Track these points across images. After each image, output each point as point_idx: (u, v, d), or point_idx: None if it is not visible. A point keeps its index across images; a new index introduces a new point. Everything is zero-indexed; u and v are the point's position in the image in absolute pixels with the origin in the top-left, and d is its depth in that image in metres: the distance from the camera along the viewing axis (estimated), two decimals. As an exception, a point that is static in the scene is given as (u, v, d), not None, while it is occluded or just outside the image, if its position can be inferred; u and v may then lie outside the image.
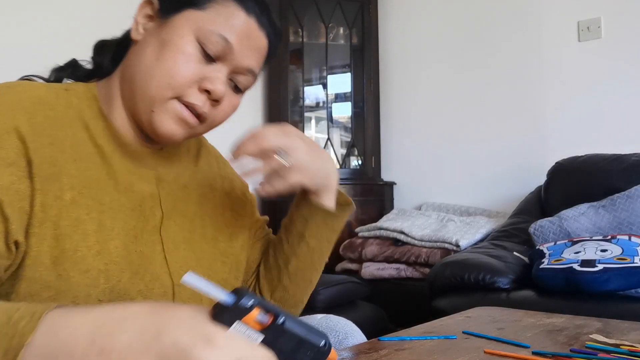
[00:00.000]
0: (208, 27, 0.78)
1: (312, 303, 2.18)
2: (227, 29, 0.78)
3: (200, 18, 0.78)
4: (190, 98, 0.78)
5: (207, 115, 0.80)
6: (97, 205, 0.75)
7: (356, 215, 3.24)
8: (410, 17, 3.49)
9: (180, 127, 0.80)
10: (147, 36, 0.80)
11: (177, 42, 0.77)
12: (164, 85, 0.77)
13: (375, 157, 3.42)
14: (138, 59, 0.80)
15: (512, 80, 3.10)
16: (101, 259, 0.73)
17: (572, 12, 2.92)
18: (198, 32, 0.78)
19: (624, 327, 0.97)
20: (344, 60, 3.49)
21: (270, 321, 0.51)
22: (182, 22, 0.78)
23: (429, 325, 1.02)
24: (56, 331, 0.53)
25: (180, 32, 0.78)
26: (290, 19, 3.33)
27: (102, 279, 0.72)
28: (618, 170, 2.44)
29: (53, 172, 0.72)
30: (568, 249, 2.06)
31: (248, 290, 0.52)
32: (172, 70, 0.77)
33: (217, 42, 0.78)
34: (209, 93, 0.79)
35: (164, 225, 0.82)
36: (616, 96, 2.80)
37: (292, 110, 3.39)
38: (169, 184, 0.86)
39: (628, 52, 2.77)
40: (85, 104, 0.80)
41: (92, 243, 0.73)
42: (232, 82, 0.82)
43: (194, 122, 0.80)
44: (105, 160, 0.78)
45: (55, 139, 0.73)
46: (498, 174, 3.11)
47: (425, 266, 2.67)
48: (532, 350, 0.83)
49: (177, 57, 0.77)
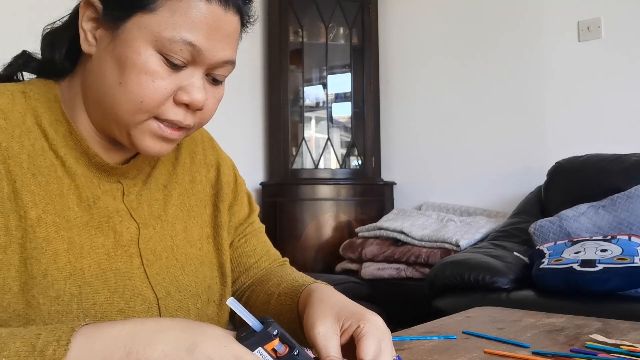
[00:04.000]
0: (166, 34, 0.66)
1: (312, 303, 2.19)
2: (188, 28, 0.67)
3: (154, 23, 0.66)
4: (167, 115, 0.70)
5: (192, 124, 0.72)
6: (64, 222, 0.70)
7: (356, 215, 3.25)
8: (410, 17, 3.49)
9: (165, 143, 0.72)
10: (101, 51, 0.70)
11: (135, 60, 0.67)
12: (135, 111, 0.68)
13: (375, 157, 3.42)
14: (99, 79, 0.70)
15: (512, 80, 3.10)
16: (73, 282, 0.68)
17: (572, 12, 2.92)
18: (156, 43, 0.67)
19: (624, 327, 0.97)
20: (344, 60, 3.49)
21: (286, 352, 0.57)
22: (134, 34, 0.67)
23: (429, 325, 1.02)
24: (90, 348, 0.53)
25: (136, 47, 0.67)
26: (290, 19, 3.33)
27: (74, 304, 0.68)
28: (618, 170, 2.44)
29: (12, 190, 0.66)
30: (568, 249, 2.06)
31: (274, 321, 0.58)
32: (138, 95, 0.67)
33: (181, 49, 0.67)
34: (188, 105, 0.70)
35: (142, 237, 0.77)
36: (616, 96, 2.79)
37: (292, 110, 3.39)
38: (140, 191, 0.79)
39: (628, 52, 2.77)
40: (45, 107, 0.73)
41: (63, 264, 0.68)
42: (210, 76, 0.73)
43: (177, 136, 0.72)
44: (67, 173, 0.72)
45: (11, 153, 0.67)
46: (498, 174, 3.11)
47: (425, 266, 2.68)
48: (532, 350, 0.83)
49: (141, 79, 0.67)
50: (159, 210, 0.81)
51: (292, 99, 3.38)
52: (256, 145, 3.44)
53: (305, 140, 3.44)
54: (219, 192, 0.89)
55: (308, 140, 3.49)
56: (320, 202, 3.21)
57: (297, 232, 3.14)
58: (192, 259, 0.82)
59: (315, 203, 3.20)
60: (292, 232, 3.14)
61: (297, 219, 3.16)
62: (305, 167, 3.39)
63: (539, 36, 3.02)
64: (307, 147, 3.44)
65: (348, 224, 3.22)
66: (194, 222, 0.84)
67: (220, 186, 0.89)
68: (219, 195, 0.88)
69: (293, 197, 3.19)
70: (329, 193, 3.25)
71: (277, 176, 3.29)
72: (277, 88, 3.34)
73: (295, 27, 3.36)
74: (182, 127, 0.72)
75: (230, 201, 0.90)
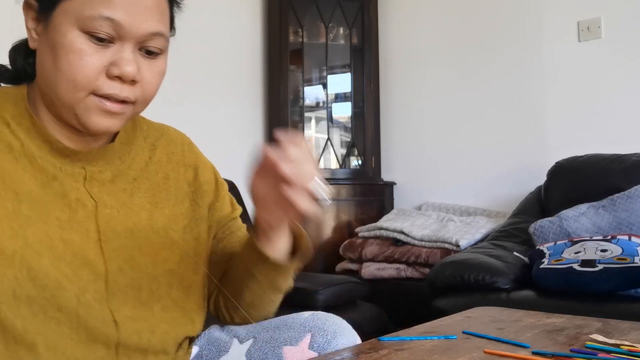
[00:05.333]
0: (86, 13, 0.73)
1: (313, 303, 2.19)
2: (107, 5, 0.73)
3: (75, 6, 0.74)
4: (103, 90, 0.75)
5: (132, 97, 0.77)
6: (13, 195, 0.75)
7: (356, 215, 3.25)
8: (410, 17, 3.49)
9: (110, 118, 0.78)
10: (40, 43, 0.78)
11: (63, 42, 0.74)
12: (71, 89, 0.75)
13: (375, 157, 3.41)
14: (42, 69, 0.78)
15: (512, 80, 3.10)
16: (14, 242, 0.73)
17: (572, 12, 2.92)
18: (79, 23, 0.73)
19: (624, 327, 0.97)
20: (344, 60, 3.49)
21: None
22: (60, 19, 0.74)
23: (429, 325, 1.02)
24: None
25: (63, 31, 0.74)
26: (290, 19, 3.32)
27: (17, 259, 0.73)
28: (618, 170, 2.44)
29: None
30: (568, 249, 2.06)
31: None
32: (71, 73, 0.74)
33: (101, 25, 0.73)
34: (121, 78, 0.76)
35: (101, 215, 0.82)
36: (616, 96, 2.79)
37: (292, 110, 3.39)
38: (105, 181, 0.84)
39: (628, 52, 2.77)
40: (12, 104, 0.80)
41: (4, 229, 0.73)
42: (143, 49, 0.78)
43: (120, 109, 0.77)
44: (25, 154, 0.78)
45: None
46: (498, 174, 3.11)
47: (425, 266, 2.67)
48: (532, 350, 0.83)
49: (70, 58, 0.74)
50: (124, 199, 0.85)
51: (292, 99, 3.38)
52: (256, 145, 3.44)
53: (305, 140, 3.44)
54: (197, 190, 0.94)
55: (308, 140, 3.49)
56: (320, 202, 3.21)
57: (297, 232, 3.14)
58: (154, 243, 0.86)
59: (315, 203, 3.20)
60: (292, 232, 3.14)
61: (297, 219, 3.15)
62: (305, 167, 3.39)
63: (539, 36, 3.02)
64: (307, 147, 3.44)
65: (348, 224, 3.22)
66: (160, 213, 0.88)
67: (199, 184, 0.95)
68: (197, 193, 0.94)
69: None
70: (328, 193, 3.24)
71: (277, 176, 3.29)
72: (277, 88, 3.34)
73: (295, 27, 3.36)
74: (124, 101, 0.77)
75: (211, 199, 0.96)
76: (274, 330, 0.93)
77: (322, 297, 2.19)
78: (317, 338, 0.88)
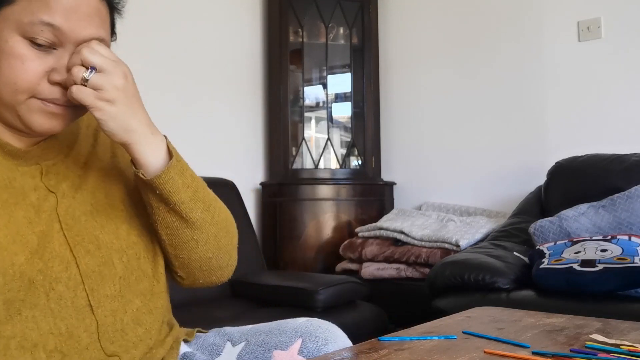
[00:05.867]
0: (26, 19, 0.74)
1: (312, 303, 2.19)
2: (45, 11, 0.74)
3: (16, 13, 0.75)
4: (44, 94, 0.77)
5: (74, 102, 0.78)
6: None
7: (356, 215, 3.25)
8: (410, 17, 3.49)
9: (54, 119, 0.79)
10: None
11: (4, 48, 0.75)
12: (13, 92, 0.76)
13: (375, 157, 3.41)
14: None
15: (512, 80, 3.10)
16: None
17: (572, 12, 2.92)
18: (20, 29, 0.75)
19: (624, 327, 0.97)
20: (344, 60, 3.49)
21: None
22: (1, 25, 0.76)
23: (429, 325, 1.02)
24: None
25: (4, 37, 0.75)
26: (290, 19, 3.32)
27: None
28: (618, 170, 2.43)
29: None
30: (568, 249, 2.06)
31: None
32: (11, 78, 0.75)
33: (42, 30, 0.75)
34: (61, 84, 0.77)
35: (60, 205, 0.83)
36: (616, 96, 2.79)
37: (292, 110, 3.39)
38: (59, 170, 0.86)
39: (628, 52, 2.77)
40: None
41: None
42: None
43: (62, 111, 0.79)
44: None
45: None
46: (498, 174, 3.11)
47: (425, 266, 2.67)
48: (532, 350, 0.83)
49: (11, 63, 0.75)
50: (79, 183, 0.87)
51: (292, 99, 3.38)
52: (256, 146, 3.44)
53: (305, 140, 3.44)
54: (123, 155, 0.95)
55: (308, 140, 3.49)
56: (320, 202, 3.21)
57: (297, 232, 3.14)
58: (113, 219, 0.88)
59: (315, 203, 3.20)
60: (292, 232, 3.14)
61: (297, 219, 3.16)
62: (305, 167, 3.39)
63: (539, 36, 3.02)
64: (307, 147, 3.44)
65: (348, 224, 3.22)
66: (116, 189, 0.91)
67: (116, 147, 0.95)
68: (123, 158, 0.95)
69: (293, 197, 3.19)
70: (329, 193, 3.24)
71: (277, 176, 3.29)
72: (277, 88, 3.34)
73: (295, 27, 3.36)
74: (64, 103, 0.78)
75: (125, 154, 0.96)
76: (267, 334, 0.94)
77: (322, 297, 2.19)
78: (307, 344, 0.90)
